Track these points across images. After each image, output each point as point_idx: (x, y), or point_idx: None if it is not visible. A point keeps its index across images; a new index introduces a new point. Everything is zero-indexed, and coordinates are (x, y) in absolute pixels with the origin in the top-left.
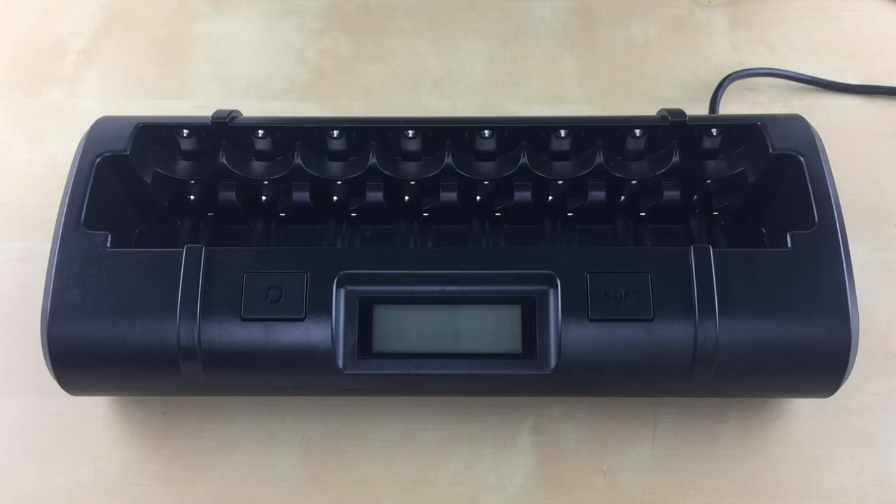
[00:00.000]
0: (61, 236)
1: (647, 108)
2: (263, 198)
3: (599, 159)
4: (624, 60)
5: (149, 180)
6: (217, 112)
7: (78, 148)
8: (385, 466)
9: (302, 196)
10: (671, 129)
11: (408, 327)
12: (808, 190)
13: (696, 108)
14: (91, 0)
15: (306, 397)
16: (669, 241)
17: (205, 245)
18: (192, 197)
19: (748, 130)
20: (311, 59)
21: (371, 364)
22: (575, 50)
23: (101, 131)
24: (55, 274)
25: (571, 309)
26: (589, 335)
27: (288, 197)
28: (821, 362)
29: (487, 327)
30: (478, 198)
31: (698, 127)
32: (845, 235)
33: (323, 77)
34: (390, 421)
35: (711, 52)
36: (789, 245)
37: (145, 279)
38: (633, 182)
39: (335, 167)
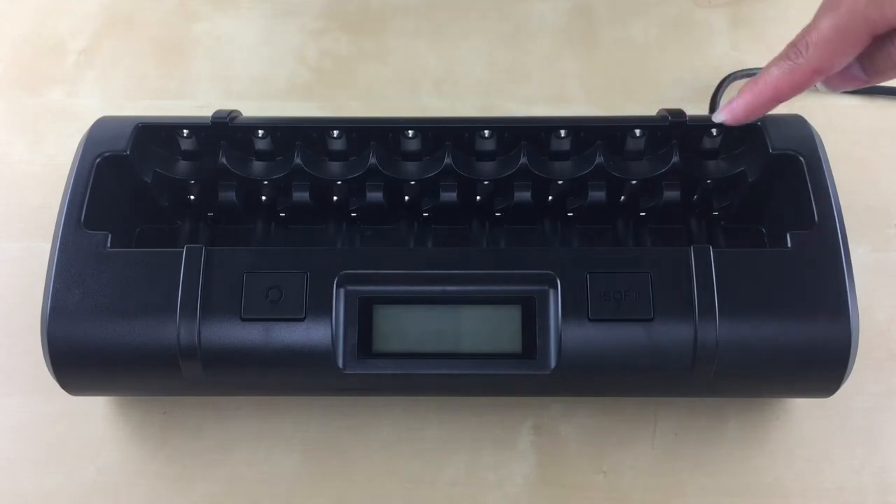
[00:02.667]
0: (61, 236)
1: (647, 108)
2: (263, 198)
3: (599, 159)
4: (624, 60)
5: (149, 180)
6: (217, 112)
7: (78, 148)
8: (385, 466)
9: (302, 196)
10: (671, 129)
11: (408, 327)
12: (808, 190)
13: (696, 108)
14: (91, 0)
15: (306, 397)
16: (669, 241)
17: (205, 245)
18: (192, 197)
19: (748, 130)
20: (311, 59)
21: (371, 364)
22: (575, 50)
23: (101, 131)
24: (55, 274)
25: (571, 309)
26: (589, 335)
27: (288, 197)
28: (821, 362)
29: (487, 327)
30: (478, 198)
31: (698, 127)
32: (845, 235)
33: (323, 77)
34: (390, 421)
35: (711, 52)
36: (789, 245)
37: (145, 279)
38: (633, 182)
39: (335, 167)
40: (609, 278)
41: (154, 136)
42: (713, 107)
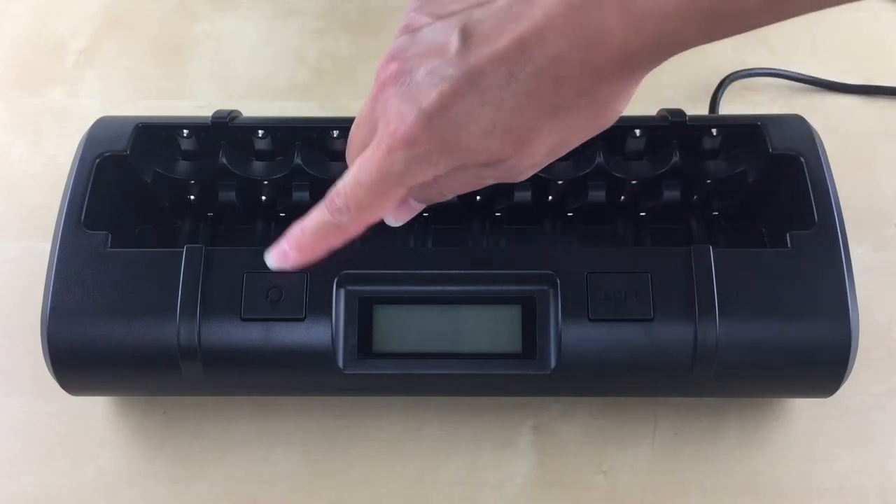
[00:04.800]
0: (61, 236)
1: (647, 108)
2: (263, 198)
3: (599, 159)
4: None
5: (149, 180)
6: (217, 112)
7: (78, 148)
8: (385, 466)
9: (302, 196)
10: (671, 129)
11: (408, 327)
12: (808, 190)
13: (696, 108)
14: (91, 0)
15: (306, 397)
16: (669, 241)
17: (205, 245)
18: (192, 197)
19: (748, 130)
20: (311, 59)
21: (371, 364)
22: None
23: (101, 131)
24: (55, 274)
25: (571, 309)
26: (589, 335)
27: (288, 197)
28: (821, 362)
29: (487, 327)
30: (478, 198)
31: (698, 127)
32: (845, 235)
33: (323, 77)
34: (390, 421)
35: (711, 52)
36: (789, 245)
37: (145, 279)
38: (633, 182)
39: (335, 167)
40: (609, 278)
41: (154, 136)
42: (713, 107)
